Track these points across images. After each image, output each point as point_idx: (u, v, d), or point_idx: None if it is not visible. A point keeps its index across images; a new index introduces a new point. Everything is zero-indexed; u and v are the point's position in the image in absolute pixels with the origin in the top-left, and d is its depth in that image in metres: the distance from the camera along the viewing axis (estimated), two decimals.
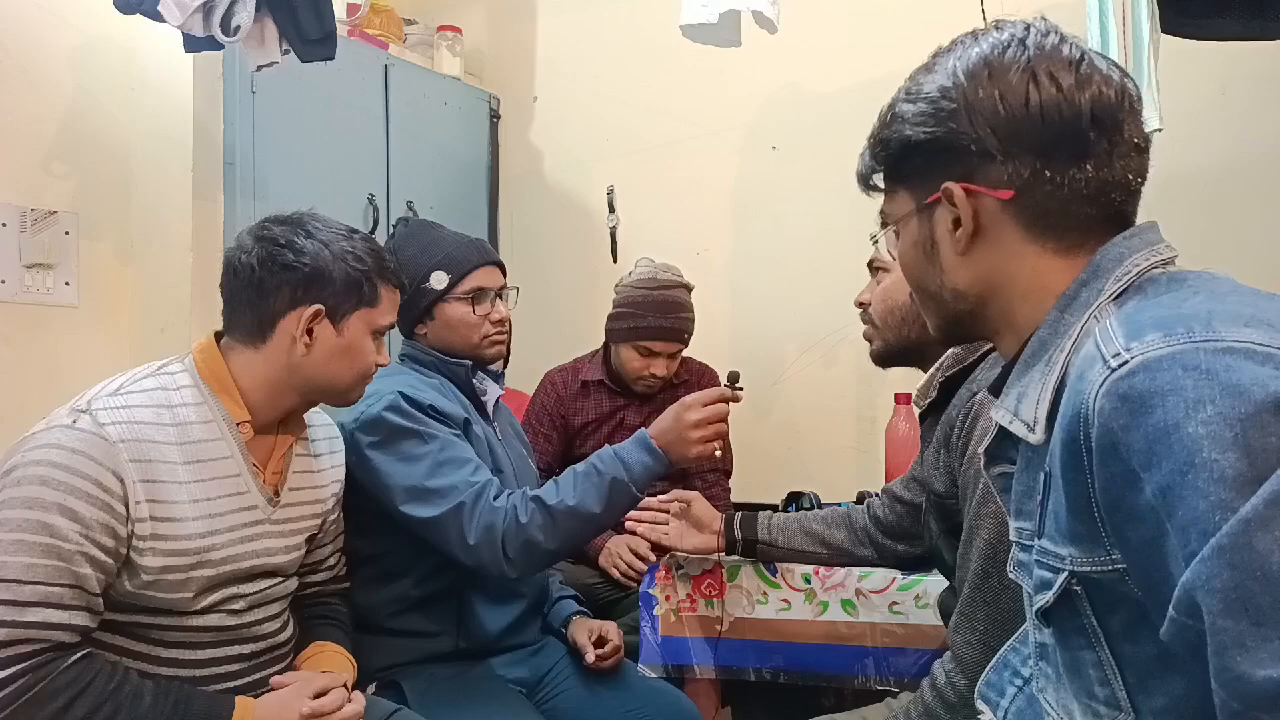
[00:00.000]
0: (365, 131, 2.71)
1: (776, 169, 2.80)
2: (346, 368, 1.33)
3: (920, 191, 0.84)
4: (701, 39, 2.23)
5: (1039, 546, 0.74)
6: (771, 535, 1.64)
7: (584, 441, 2.32)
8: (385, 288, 1.35)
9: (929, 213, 0.84)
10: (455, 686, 1.54)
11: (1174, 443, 0.58)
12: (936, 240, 0.84)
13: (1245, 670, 0.54)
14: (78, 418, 1.15)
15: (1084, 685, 0.72)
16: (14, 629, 1.07)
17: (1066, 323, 0.76)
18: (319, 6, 1.95)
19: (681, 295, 2.25)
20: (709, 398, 1.54)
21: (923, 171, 0.83)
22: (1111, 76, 0.77)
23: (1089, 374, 0.66)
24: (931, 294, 0.87)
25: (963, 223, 0.80)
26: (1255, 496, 0.55)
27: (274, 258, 1.27)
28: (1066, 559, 0.70)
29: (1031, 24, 0.80)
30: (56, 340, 2.18)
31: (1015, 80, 0.76)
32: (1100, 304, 0.74)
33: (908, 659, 1.55)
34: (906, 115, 0.82)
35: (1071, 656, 0.73)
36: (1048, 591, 0.73)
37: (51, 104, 2.18)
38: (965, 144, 0.78)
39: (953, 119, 0.78)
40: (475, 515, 1.47)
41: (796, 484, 2.08)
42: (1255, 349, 0.60)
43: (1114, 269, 0.75)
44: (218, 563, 1.23)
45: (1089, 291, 0.76)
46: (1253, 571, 0.54)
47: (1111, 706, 0.70)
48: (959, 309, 0.85)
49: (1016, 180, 0.77)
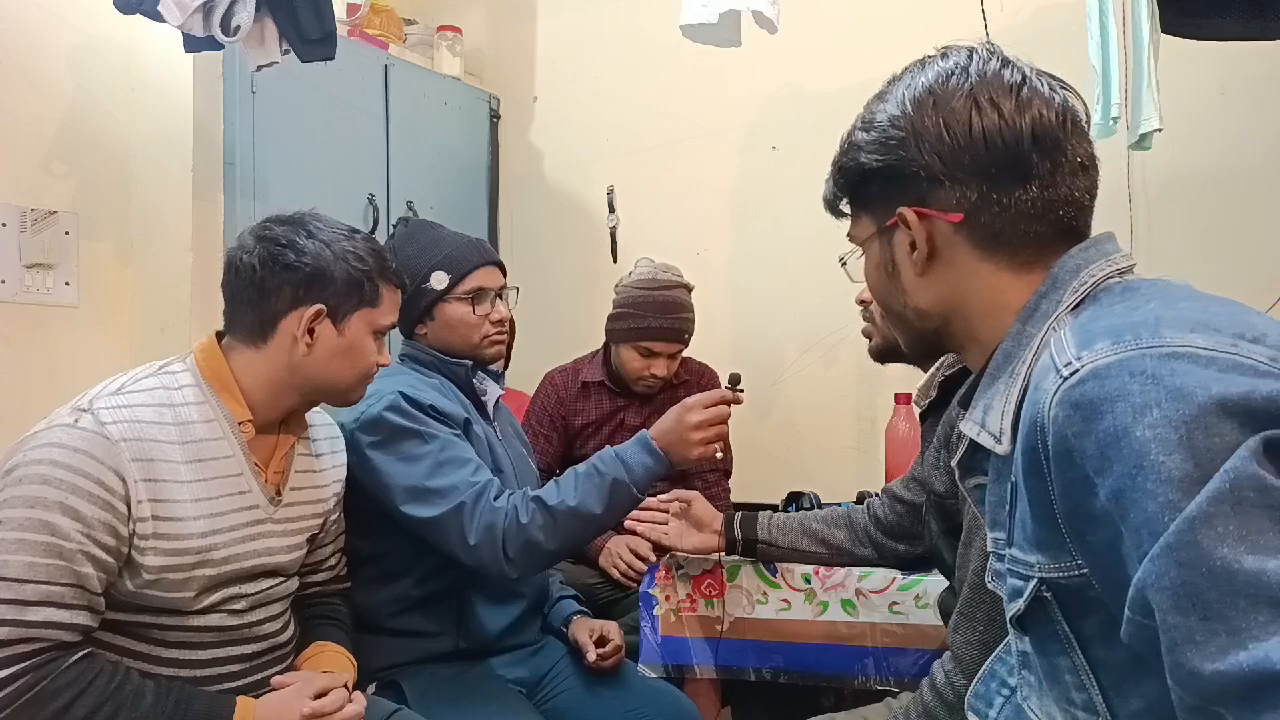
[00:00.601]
0: (365, 131, 2.71)
1: (776, 169, 2.80)
2: (348, 367, 1.33)
3: (879, 215, 0.87)
4: (701, 39, 2.23)
5: (1009, 555, 0.76)
6: (771, 535, 1.64)
7: (584, 442, 2.32)
8: (386, 288, 1.35)
9: (888, 235, 0.86)
10: (455, 686, 1.54)
11: (1124, 447, 0.60)
12: (897, 262, 0.86)
13: (1196, 665, 0.55)
14: (79, 417, 1.15)
15: (1062, 691, 0.73)
16: (16, 628, 1.07)
17: (1028, 335, 0.78)
18: (319, 6, 1.95)
19: (682, 295, 2.25)
20: (710, 399, 1.54)
21: (879, 197, 0.86)
22: (1053, 99, 0.80)
23: (1044, 384, 0.68)
24: (897, 313, 0.90)
25: (918, 245, 0.83)
26: (1200, 495, 0.56)
27: (275, 258, 1.27)
28: (1035, 566, 0.71)
29: (975, 49, 0.83)
30: (56, 340, 2.18)
31: (958, 107, 0.79)
32: (1059, 315, 0.76)
33: (907, 659, 1.55)
34: (861, 144, 0.85)
35: (1049, 663, 0.74)
36: (1019, 599, 0.74)
37: (51, 104, 2.18)
38: (915, 170, 0.81)
39: (902, 147, 0.81)
40: (476, 515, 1.47)
41: (796, 484, 2.08)
42: (1199, 353, 0.61)
43: (1070, 280, 0.77)
44: (219, 562, 1.23)
45: (1048, 303, 0.78)
46: (1199, 568, 0.55)
47: (1089, 711, 0.71)
48: (924, 327, 0.88)
49: (965, 203, 0.80)
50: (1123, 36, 1.77)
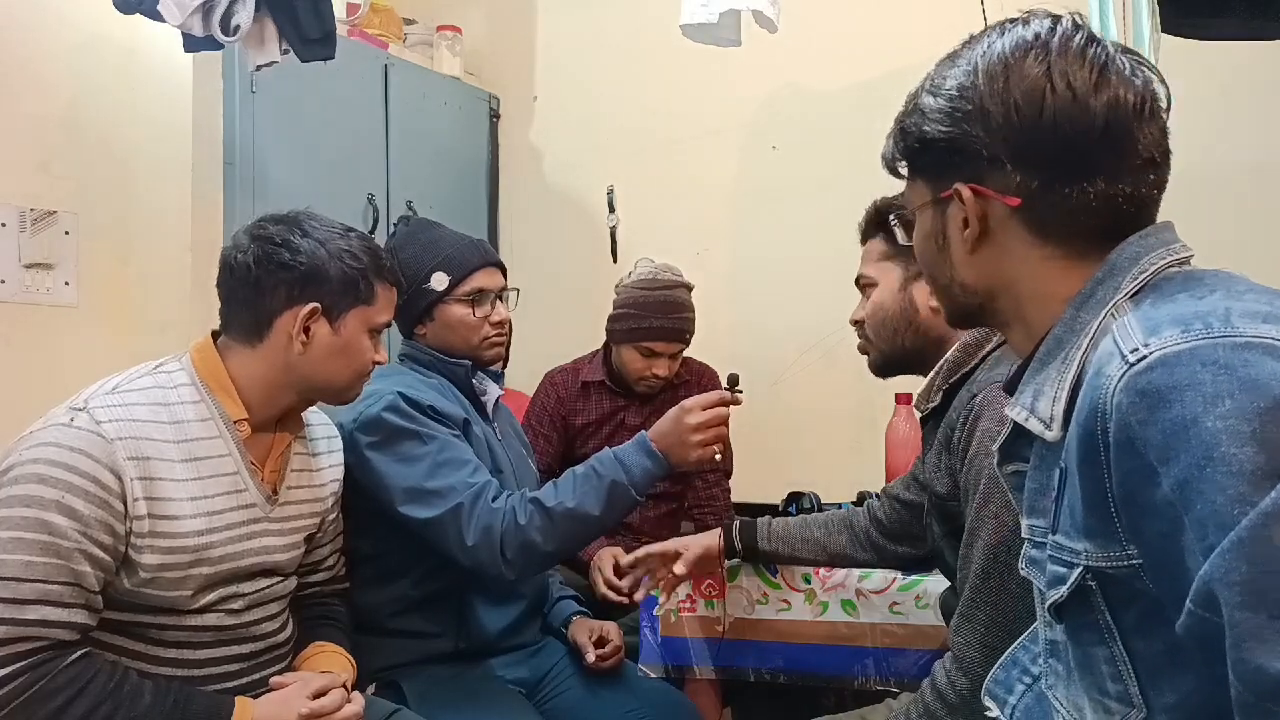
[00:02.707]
0: (365, 131, 2.71)
1: (776, 169, 2.79)
2: (344, 366, 1.33)
3: (935, 185, 0.84)
4: (701, 39, 2.23)
5: (1053, 542, 0.74)
6: (772, 545, 1.63)
7: (584, 443, 2.32)
8: (382, 286, 1.35)
9: (942, 207, 0.84)
10: (455, 687, 1.54)
11: (1191, 437, 0.59)
12: (948, 235, 0.85)
13: (1262, 662, 0.54)
14: (75, 416, 1.15)
15: (1096, 681, 0.72)
16: (13, 627, 1.06)
17: (1082, 321, 0.76)
18: (319, 6, 1.94)
19: (682, 295, 2.25)
20: (709, 401, 1.53)
21: (937, 167, 0.83)
22: (1133, 81, 0.76)
23: (1107, 369, 0.66)
24: (942, 286, 0.88)
25: (970, 224, 0.81)
26: (1274, 490, 0.55)
27: (270, 256, 1.27)
28: (1081, 554, 0.70)
29: (1060, 19, 0.79)
30: (56, 340, 2.17)
31: (1031, 85, 0.76)
32: (1117, 302, 0.74)
33: (908, 659, 1.55)
34: (926, 110, 0.82)
35: (1084, 653, 0.73)
36: (1061, 586, 0.73)
37: (51, 104, 2.17)
38: (977, 148, 0.78)
39: (966, 121, 0.78)
40: (473, 516, 1.46)
41: (796, 484, 2.08)
42: (1273, 344, 0.60)
43: (1130, 268, 0.75)
44: (216, 561, 1.23)
45: (1105, 289, 0.76)
46: (1270, 565, 0.55)
47: (1124, 703, 0.70)
48: (968, 302, 0.86)
49: (1025, 189, 0.77)
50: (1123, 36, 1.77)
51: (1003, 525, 1.14)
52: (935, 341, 1.33)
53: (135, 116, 2.30)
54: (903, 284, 1.35)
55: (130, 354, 2.25)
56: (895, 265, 1.36)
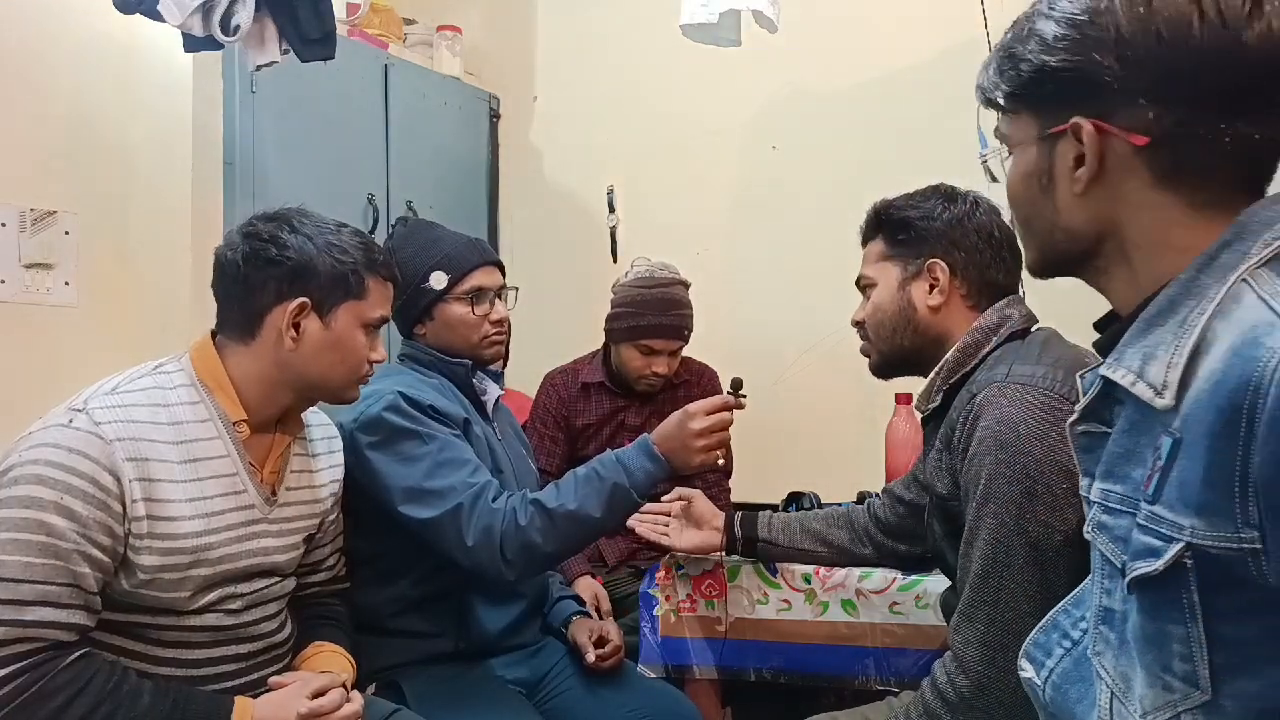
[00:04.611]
0: (365, 131, 2.71)
1: (776, 169, 2.79)
2: (337, 362, 1.32)
3: (1046, 120, 0.78)
4: (701, 39, 2.23)
5: (1149, 513, 0.70)
6: (772, 534, 1.64)
7: (585, 443, 2.32)
8: (373, 280, 1.34)
9: (1051, 144, 0.78)
10: (455, 687, 1.54)
11: None
12: (1055, 175, 0.78)
13: None
14: (74, 417, 1.15)
15: (1160, 658, 0.70)
16: (12, 628, 1.07)
17: (1202, 284, 0.70)
18: (319, 6, 1.94)
19: (680, 292, 2.25)
20: (712, 406, 1.53)
21: (1053, 99, 0.76)
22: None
23: (1267, 340, 0.61)
24: (1037, 231, 0.82)
25: (1086, 162, 0.75)
26: None
27: (258, 253, 1.27)
28: (1187, 529, 0.66)
29: None
30: (56, 340, 2.17)
31: (1176, 11, 0.69)
32: (1249, 268, 0.68)
33: (908, 659, 1.55)
34: (1045, 35, 0.75)
35: (1157, 629, 0.70)
36: (1155, 560, 0.68)
37: (51, 104, 2.17)
38: (1108, 80, 0.71)
39: (1098, 49, 0.71)
40: (473, 517, 1.46)
41: (796, 484, 2.08)
42: None
43: (1262, 233, 0.69)
44: (214, 561, 1.23)
45: (1231, 254, 0.69)
46: None
47: (1189, 683, 0.68)
48: (1068, 250, 0.80)
49: (1157, 127, 0.71)
50: None
51: (1003, 525, 1.14)
52: (934, 341, 1.33)
53: (135, 116, 2.30)
54: (901, 284, 1.35)
55: (130, 354, 2.25)
56: (893, 265, 1.36)
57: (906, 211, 1.35)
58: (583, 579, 2.14)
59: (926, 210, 1.34)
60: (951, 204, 1.33)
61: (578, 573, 2.15)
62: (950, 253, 1.32)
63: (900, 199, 1.38)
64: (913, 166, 1.60)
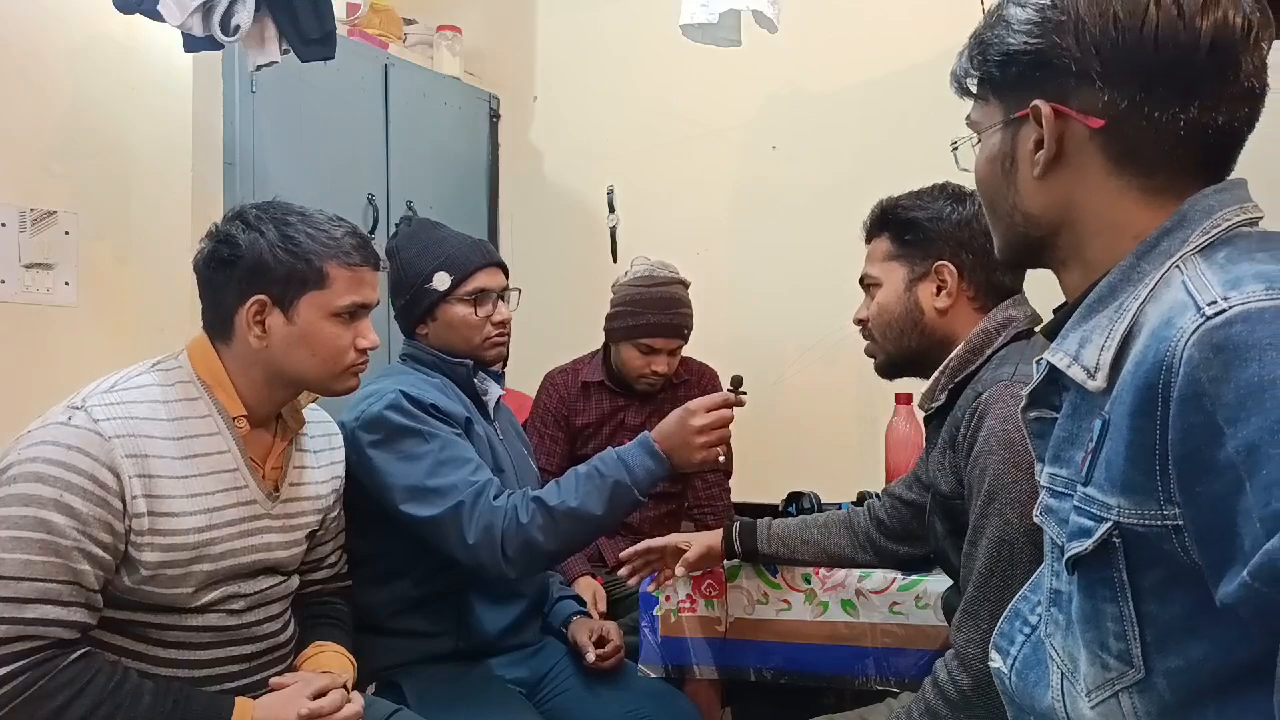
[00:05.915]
0: (365, 131, 2.70)
1: (776, 169, 2.79)
2: (309, 355, 1.30)
3: (1010, 104, 0.80)
4: (701, 39, 2.23)
5: (1082, 494, 0.72)
6: (772, 547, 1.63)
7: (585, 443, 2.32)
8: (334, 266, 1.29)
9: (1014, 128, 0.80)
10: (455, 687, 1.54)
11: (1268, 399, 0.56)
12: (1017, 159, 0.80)
13: None
14: (73, 415, 1.15)
15: (1098, 636, 0.71)
16: (13, 626, 1.07)
17: (1141, 270, 0.72)
18: (319, 6, 1.94)
19: (679, 291, 2.25)
20: (713, 403, 1.53)
21: (1016, 83, 0.79)
22: (1242, 3, 0.72)
23: (1179, 321, 0.63)
24: (1001, 215, 0.84)
25: (1045, 145, 0.76)
26: None
27: (214, 254, 1.28)
28: (1114, 509, 0.67)
29: None
30: (56, 340, 2.17)
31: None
32: (1184, 254, 0.70)
33: (908, 659, 1.55)
34: (1011, 20, 0.77)
35: (1092, 607, 0.71)
36: (1086, 539, 0.70)
37: (51, 104, 2.17)
38: (1065, 62, 0.74)
39: (1058, 32, 0.74)
40: (474, 515, 1.46)
41: (796, 484, 2.08)
42: None
43: (1201, 221, 0.71)
44: (216, 557, 1.23)
45: (1170, 241, 0.72)
46: None
47: (1123, 661, 0.69)
48: (1028, 234, 0.82)
49: (1111, 110, 0.73)
50: None
51: (1007, 523, 1.14)
52: (940, 343, 1.33)
53: (135, 116, 2.30)
54: (907, 285, 1.34)
55: (130, 354, 2.24)
56: (900, 266, 1.35)
57: (914, 211, 1.34)
58: (583, 579, 2.14)
59: (935, 211, 1.33)
60: (960, 205, 1.32)
61: (578, 572, 2.15)
62: (959, 254, 1.31)
63: (907, 198, 1.37)
64: (913, 166, 1.60)
